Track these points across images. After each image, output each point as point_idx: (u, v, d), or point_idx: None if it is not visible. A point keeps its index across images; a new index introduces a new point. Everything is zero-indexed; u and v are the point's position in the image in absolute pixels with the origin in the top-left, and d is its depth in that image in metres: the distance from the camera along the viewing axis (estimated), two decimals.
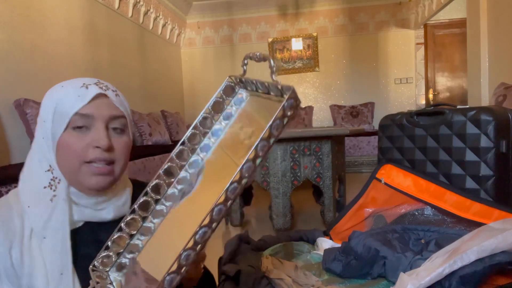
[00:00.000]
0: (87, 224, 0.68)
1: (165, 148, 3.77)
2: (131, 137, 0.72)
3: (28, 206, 0.62)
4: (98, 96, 0.65)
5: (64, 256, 0.62)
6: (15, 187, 2.06)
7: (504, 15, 3.29)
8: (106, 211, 0.68)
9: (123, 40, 4.21)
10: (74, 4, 3.30)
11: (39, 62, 2.84)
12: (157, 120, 4.34)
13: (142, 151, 3.29)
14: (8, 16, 2.55)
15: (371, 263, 0.84)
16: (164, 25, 5.26)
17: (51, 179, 0.64)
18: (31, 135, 2.43)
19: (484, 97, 3.59)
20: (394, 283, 0.59)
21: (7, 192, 1.76)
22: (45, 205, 0.63)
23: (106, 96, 0.66)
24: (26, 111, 2.46)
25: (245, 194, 2.53)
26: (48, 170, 0.65)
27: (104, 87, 0.67)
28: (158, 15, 5.01)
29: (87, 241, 0.67)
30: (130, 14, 4.31)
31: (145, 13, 4.68)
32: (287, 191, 2.12)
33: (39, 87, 2.78)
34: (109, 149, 0.65)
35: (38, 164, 0.65)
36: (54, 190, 0.64)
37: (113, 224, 0.66)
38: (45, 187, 0.64)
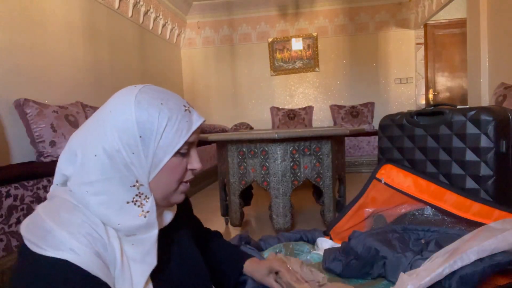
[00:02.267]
0: None
1: None
2: None
3: (119, 224, 0.60)
4: (203, 123, 0.70)
5: (149, 267, 0.63)
6: (15, 187, 2.03)
7: (504, 15, 3.29)
8: (168, 217, 0.73)
9: (123, 40, 4.21)
10: (74, 4, 3.30)
11: (39, 62, 2.84)
12: None
13: None
14: (8, 16, 2.55)
15: (371, 263, 0.84)
16: (164, 25, 5.26)
17: (137, 195, 0.63)
18: (31, 135, 2.43)
19: (484, 97, 3.59)
20: (394, 283, 0.59)
21: (7, 192, 1.76)
22: (138, 222, 0.62)
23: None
24: (26, 111, 2.46)
25: (245, 194, 2.53)
26: (134, 186, 0.62)
27: (192, 111, 0.70)
28: (158, 15, 5.01)
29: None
30: (130, 14, 4.31)
31: (145, 13, 4.68)
32: (287, 191, 2.12)
33: (39, 87, 2.78)
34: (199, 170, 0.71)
35: (117, 179, 0.61)
36: (139, 206, 0.63)
37: (169, 228, 0.72)
38: (128, 202, 0.62)
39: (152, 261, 0.63)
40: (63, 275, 0.53)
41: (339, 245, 1.07)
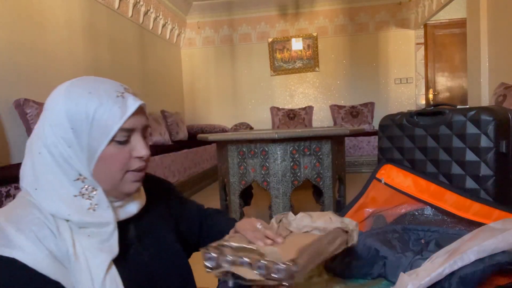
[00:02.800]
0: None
1: (165, 148, 3.76)
2: None
3: (69, 215, 0.60)
4: (141, 105, 0.66)
5: (109, 256, 0.61)
6: (16, 187, 2.04)
7: (504, 15, 3.29)
8: (132, 207, 0.70)
9: (123, 40, 4.21)
10: (74, 4, 3.30)
11: (39, 62, 2.84)
12: (157, 120, 4.35)
13: None
14: (8, 16, 2.55)
15: (371, 263, 0.84)
16: (164, 25, 5.26)
17: (83, 188, 0.62)
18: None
19: (484, 97, 3.59)
20: (394, 283, 0.59)
21: (7, 192, 1.76)
22: (88, 215, 0.61)
23: (142, 105, 0.66)
24: (26, 111, 2.46)
25: (245, 194, 2.52)
26: (78, 179, 0.62)
27: (134, 93, 0.67)
28: (158, 15, 5.01)
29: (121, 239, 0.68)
30: (130, 14, 4.31)
31: (145, 13, 4.68)
32: (287, 191, 2.12)
33: (39, 87, 2.78)
34: (147, 157, 0.68)
35: (61, 173, 0.61)
36: (88, 199, 0.62)
37: (132, 222, 0.71)
38: (75, 196, 0.62)
39: (112, 250, 0.62)
40: (8, 274, 0.54)
41: None
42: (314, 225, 0.78)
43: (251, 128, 5.51)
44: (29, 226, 0.57)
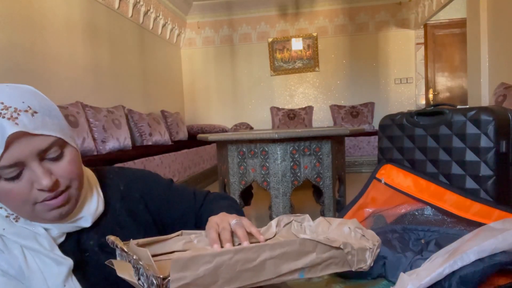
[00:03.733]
0: (68, 237, 0.65)
1: (165, 148, 3.76)
2: (75, 145, 0.62)
3: (3, 229, 0.57)
4: (12, 136, 0.51)
5: (63, 268, 0.59)
6: None
7: (504, 15, 3.29)
8: (82, 221, 0.64)
9: (123, 40, 4.21)
10: (74, 4, 3.30)
11: (39, 62, 2.84)
12: (157, 120, 4.34)
13: (142, 151, 3.29)
14: (8, 16, 2.55)
15: None
16: (164, 25, 5.26)
17: (7, 216, 0.59)
18: None
19: (484, 97, 3.59)
20: (394, 283, 0.59)
21: None
22: (23, 230, 0.59)
23: (21, 132, 0.51)
24: None
25: (245, 194, 2.52)
26: (1, 208, 0.59)
27: (13, 115, 0.51)
28: (158, 15, 5.01)
29: (75, 251, 0.65)
30: (130, 14, 4.31)
31: (145, 13, 4.68)
32: (287, 191, 2.12)
33: (39, 87, 2.77)
34: (55, 185, 0.56)
35: None
36: (17, 221, 0.59)
37: (94, 229, 0.66)
38: (7, 216, 0.59)
39: (64, 261, 0.59)
40: None
41: None
42: (320, 236, 0.60)
43: (251, 128, 5.51)
44: None
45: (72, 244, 0.64)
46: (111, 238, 0.53)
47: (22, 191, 0.54)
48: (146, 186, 0.77)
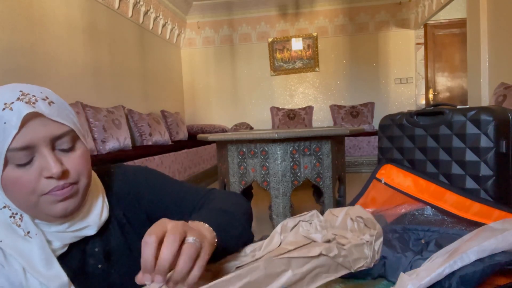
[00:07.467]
0: (72, 245, 0.62)
1: (165, 148, 3.76)
2: (86, 143, 0.61)
3: (1, 241, 0.55)
4: (29, 116, 0.51)
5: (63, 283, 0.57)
6: None
7: (504, 15, 3.29)
8: (87, 229, 0.61)
9: (123, 40, 4.21)
10: (74, 4, 3.30)
11: (39, 62, 2.84)
12: (157, 120, 4.35)
13: (142, 151, 3.29)
14: (8, 16, 2.55)
15: None
16: (164, 25, 5.26)
17: (11, 216, 0.57)
18: None
19: (484, 97, 3.59)
20: (394, 283, 0.59)
21: None
22: (21, 242, 0.56)
23: (38, 113, 0.52)
24: None
25: (245, 194, 2.52)
26: (4, 207, 0.57)
27: (31, 99, 0.53)
28: (158, 15, 5.01)
29: (79, 260, 0.63)
30: (130, 14, 4.31)
31: (145, 13, 4.68)
32: (287, 191, 2.12)
33: None
34: (64, 174, 0.55)
35: None
36: (20, 226, 0.56)
37: (98, 237, 0.64)
38: (11, 216, 0.57)
39: (60, 275, 0.57)
40: None
41: None
42: (313, 235, 0.55)
43: (251, 128, 5.51)
44: None
45: (76, 253, 0.63)
46: None
47: (30, 179, 0.53)
48: (145, 187, 0.75)
